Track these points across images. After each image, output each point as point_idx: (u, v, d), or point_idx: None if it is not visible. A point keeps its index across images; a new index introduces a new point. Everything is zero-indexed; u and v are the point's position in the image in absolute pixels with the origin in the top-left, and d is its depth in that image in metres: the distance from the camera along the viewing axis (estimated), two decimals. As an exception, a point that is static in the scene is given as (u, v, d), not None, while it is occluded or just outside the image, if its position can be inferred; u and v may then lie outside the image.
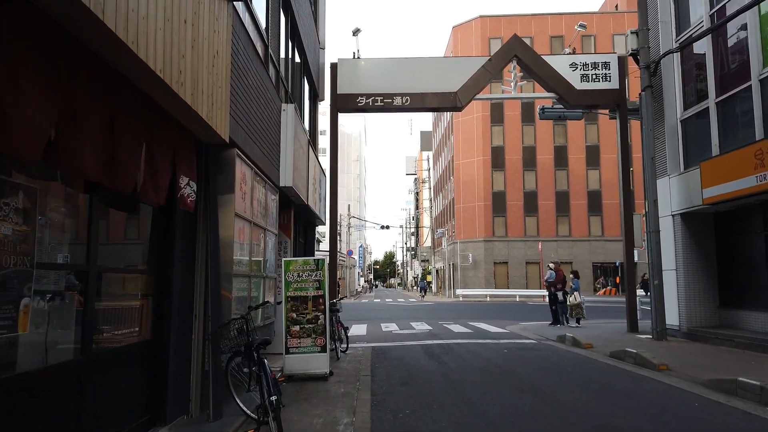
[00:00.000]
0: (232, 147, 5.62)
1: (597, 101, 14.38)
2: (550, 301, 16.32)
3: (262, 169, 7.10)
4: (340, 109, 14.38)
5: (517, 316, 21.28)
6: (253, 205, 6.60)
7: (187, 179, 4.68)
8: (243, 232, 6.08)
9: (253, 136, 6.52)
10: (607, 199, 44.06)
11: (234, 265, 5.74)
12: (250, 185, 6.45)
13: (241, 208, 5.99)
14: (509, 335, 13.60)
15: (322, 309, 7.81)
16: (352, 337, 13.66)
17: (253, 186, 6.68)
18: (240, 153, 5.86)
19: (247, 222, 6.31)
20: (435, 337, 13.33)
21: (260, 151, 7.03)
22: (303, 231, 13.40)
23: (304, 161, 9.89)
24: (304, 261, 7.92)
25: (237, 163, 5.75)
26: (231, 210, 5.56)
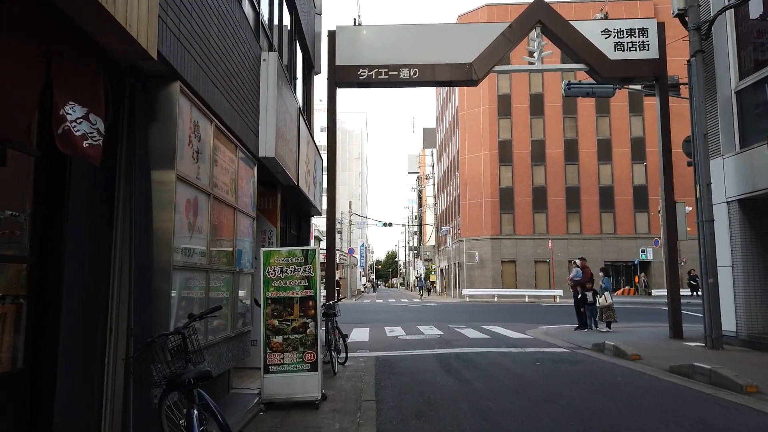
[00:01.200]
0: (173, 79, 3.82)
1: (633, 73, 12.53)
2: (576, 303, 14.48)
3: (230, 128, 5.30)
4: (338, 82, 12.56)
5: (533, 319, 19.46)
6: (214, 172, 4.79)
7: (85, 110, 2.88)
8: (195, 206, 4.27)
9: (214, 77, 4.72)
10: (620, 195, 42.23)
11: (179, 253, 3.94)
12: (209, 144, 4.64)
13: (191, 171, 4.19)
14: (533, 342, 11.77)
15: (312, 314, 6.00)
16: (353, 344, 11.86)
17: (216, 147, 4.88)
18: (187, 90, 4.04)
19: (204, 194, 4.50)
20: (448, 344, 11.51)
21: (228, 103, 5.22)
22: (296, 222, 11.59)
23: (293, 132, 8.08)
24: (289, 252, 6.10)
25: (182, 103, 3.95)
26: (171, 172, 3.75)
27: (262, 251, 6.04)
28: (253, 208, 6.41)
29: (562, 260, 41.40)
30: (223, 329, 5.31)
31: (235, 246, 5.55)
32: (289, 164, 7.70)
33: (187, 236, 4.10)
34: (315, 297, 6.01)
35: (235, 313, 5.65)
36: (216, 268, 4.88)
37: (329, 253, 12.10)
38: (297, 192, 9.01)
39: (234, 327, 5.55)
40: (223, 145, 5.14)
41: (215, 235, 4.86)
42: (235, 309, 5.63)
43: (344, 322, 18.24)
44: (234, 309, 5.60)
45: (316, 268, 6.06)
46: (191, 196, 4.17)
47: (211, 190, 4.67)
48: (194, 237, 4.27)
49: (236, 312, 5.71)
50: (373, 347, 11.34)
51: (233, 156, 5.49)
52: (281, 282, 6.01)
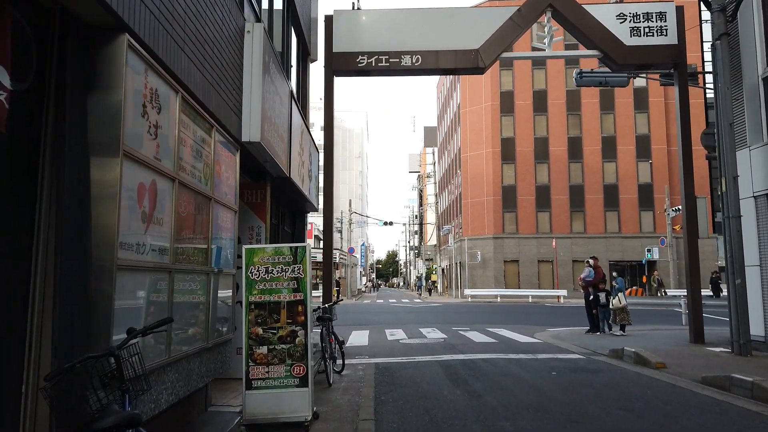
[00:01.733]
0: (119, 31, 3.03)
1: (651, 60, 11.72)
2: (587, 304, 13.69)
3: (204, 104, 4.52)
4: (336, 70, 11.78)
5: (539, 321, 18.68)
6: (181, 154, 4.01)
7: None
8: (153, 193, 3.49)
9: (180, 39, 3.93)
10: (624, 194, 41.45)
11: (129, 249, 3.15)
12: (173, 118, 3.86)
13: (147, 149, 3.40)
14: (545, 347, 10.99)
15: (302, 321, 5.22)
16: (351, 349, 11.09)
17: (184, 124, 4.09)
18: (140, 48, 3.26)
19: (166, 178, 3.71)
20: (453, 349, 10.73)
21: (201, 74, 4.44)
22: (290, 218, 10.82)
23: (284, 117, 7.29)
24: (276, 250, 5.31)
25: (133, 62, 3.17)
26: (115, 147, 2.96)
27: (244, 249, 5.25)
28: (236, 200, 5.62)
29: (565, 260, 40.66)
30: (198, 339, 4.52)
31: (212, 242, 4.76)
32: (279, 153, 6.92)
33: (139, 229, 3.31)
34: (305, 301, 5.23)
35: (212, 320, 4.87)
36: (184, 268, 4.09)
37: (326, 251, 11.32)
38: (289, 185, 8.23)
39: (210, 336, 4.76)
40: (195, 123, 4.35)
41: (183, 229, 4.07)
42: (212, 315, 4.84)
43: (343, 324, 17.46)
44: (211, 315, 4.82)
45: (307, 268, 5.28)
46: (146, 179, 3.38)
47: (177, 174, 3.88)
48: (152, 230, 3.48)
49: (214, 318, 4.93)
50: (372, 352, 10.56)
51: (208, 137, 4.70)
52: (266, 284, 5.22)
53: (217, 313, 5.07)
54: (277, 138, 6.73)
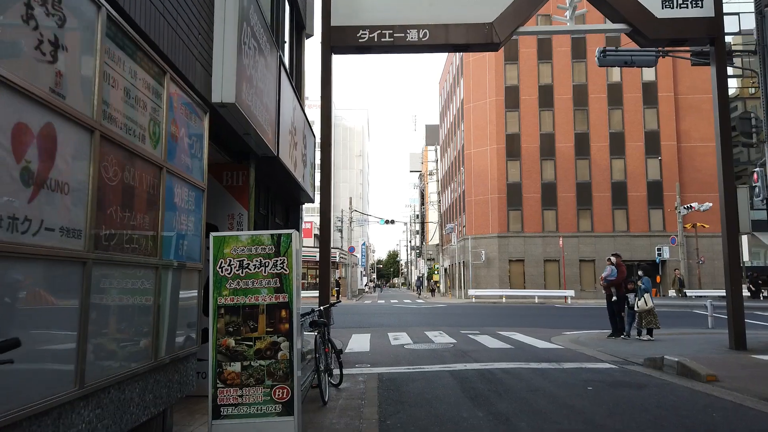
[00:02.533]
0: None
1: (685, 34, 10.51)
2: (609, 306, 12.50)
3: (150, 37, 3.34)
4: (334, 47, 10.58)
5: (551, 323, 17.50)
6: (108, 97, 2.83)
7: None
8: (50, 143, 2.31)
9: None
10: (633, 191, 40.24)
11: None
12: (94, 46, 2.68)
13: (37, 75, 2.23)
14: (568, 354, 9.80)
15: (286, 330, 4.04)
16: (351, 355, 9.93)
17: (111, 54, 2.91)
18: None
19: (75, 125, 2.53)
20: (465, 357, 9.54)
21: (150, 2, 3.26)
22: (282, 209, 9.65)
23: (270, 84, 6.12)
24: (253, 238, 4.14)
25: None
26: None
27: (212, 237, 4.08)
28: (205, 175, 4.44)
29: (572, 259, 39.49)
30: (140, 356, 3.35)
31: (163, 226, 3.58)
32: (264, 125, 5.74)
33: (18, 195, 2.14)
34: (291, 304, 4.05)
35: (166, 329, 3.70)
36: (113, 259, 2.92)
37: (323, 249, 10.14)
38: (279, 168, 7.06)
39: (160, 351, 3.58)
40: (135, 61, 3.18)
41: (112, 203, 2.90)
42: (165, 322, 3.67)
43: (343, 327, 16.28)
44: (163, 322, 3.65)
45: (293, 262, 4.10)
46: (33, 120, 2.21)
47: (99, 124, 2.71)
48: (47, 200, 2.32)
49: (169, 327, 3.75)
50: (375, 360, 9.39)
51: (158, 87, 3.53)
52: (240, 282, 4.05)
53: (174, 320, 3.89)
54: (260, 106, 5.55)
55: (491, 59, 42.12)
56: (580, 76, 41.41)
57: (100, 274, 2.74)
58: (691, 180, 39.67)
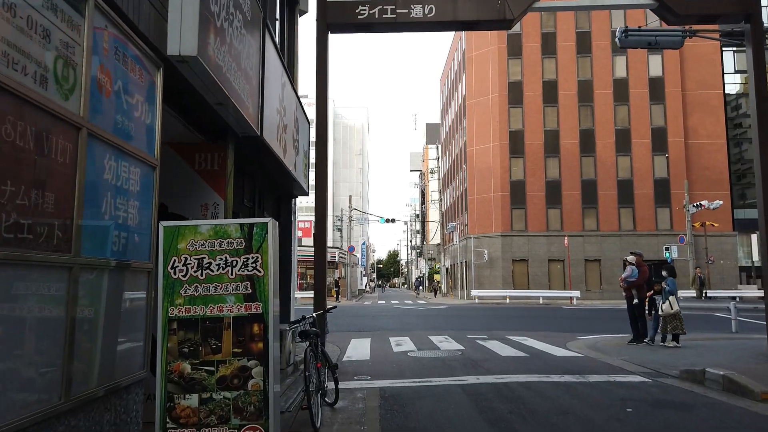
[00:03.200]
0: None
1: (717, 9, 9.52)
2: (630, 309, 11.51)
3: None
4: (331, 25, 9.60)
5: (562, 326, 16.52)
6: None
7: None
8: None
9: None
10: (639, 189, 39.27)
11: None
12: None
13: None
14: (589, 364, 8.81)
15: (258, 350, 3.06)
16: (349, 364, 8.95)
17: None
18: None
19: None
20: (477, 367, 8.56)
21: None
22: (272, 203, 8.67)
23: (252, 48, 5.13)
24: (216, 230, 3.16)
25: None
26: None
27: (161, 227, 3.09)
28: (156, 149, 3.46)
29: (577, 259, 38.52)
30: (37, 397, 2.36)
31: (81, 209, 2.59)
32: (242, 95, 4.76)
33: None
34: (265, 316, 3.06)
35: (90, 353, 2.71)
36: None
37: (318, 247, 9.15)
38: (264, 152, 6.07)
39: (71, 387, 2.58)
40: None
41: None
42: (79, 345, 2.67)
43: (341, 330, 15.29)
44: (76, 345, 2.65)
45: (269, 261, 3.11)
46: None
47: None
48: None
49: (97, 349, 2.77)
50: (375, 371, 8.40)
51: (74, 16, 2.54)
52: (200, 287, 3.07)
53: (110, 338, 2.89)
54: (237, 72, 4.56)
55: (494, 54, 41.16)
56: (585, 72, 40.43)
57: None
58: (699, 178, 38.70)
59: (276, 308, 3.10)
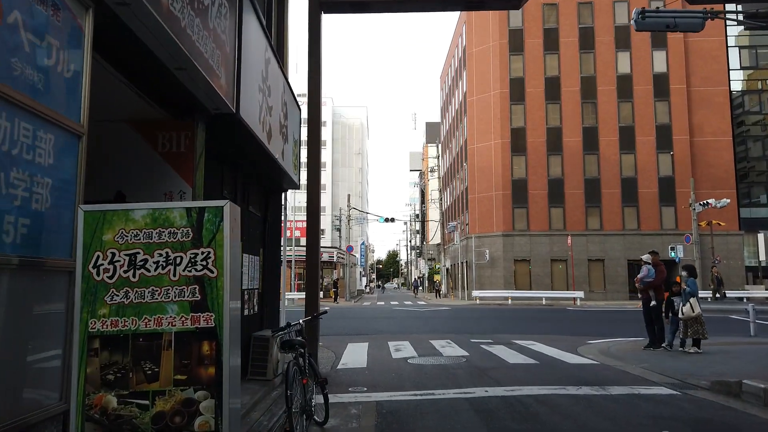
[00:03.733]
0: None
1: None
2: (645, 312, 10.73)
3: None
4: (324, 3, 8.85)
5: (570, 329, 15.76)
6: None
7: None
8: None
9: None
10: (644, 188, 38.51)
11: None
12: None
13: None
14: (608, 373, 8.04)
15: (209, 377, 2.26)
16: (345, 373, 8.18)
17: None
18: None
19: None
20: (484, 376, 7.78)
21: None
22: (259, 197, 7.89)
23: (225, 10, 4.35)
24: (154, 215, 2.38)
25: None
26: None
27: (80, 211, 2.31)
28: (82, 112, 2.68)
29: (580, 259, 37.77)
30: None
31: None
32: (211, 62, 3.99)
33: None
34: (219, 331, 2.28)
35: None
36: None
37: (311, 241, 8.38)
38: (244, 135, 5.29)
39: None
40: None
41: None
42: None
43: (338, 334, 14.52)
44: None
45: (225, 257, 2.33)
46: None
47: None
48: None
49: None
50: (373, 380, 7.62)
51: None
52: (131, 293, 2.29)
53: (7, 363, 2.11)
54: (203, 32, 3.79)
55: (495, 50, 40.44)
56: (588, 68, 39.68)
57: None
58: (704, 176, 37.93)
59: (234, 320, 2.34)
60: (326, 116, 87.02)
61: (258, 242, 7.77)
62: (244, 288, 7.02)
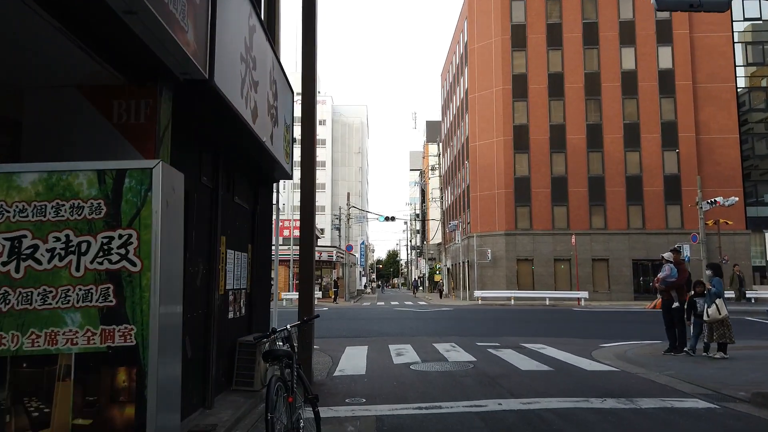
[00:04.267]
0: None
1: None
2: (666, 314, 9.98)
3: None
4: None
5: (579, 331, 15.03)
6: None
7: None
8: None
9: None
10: (649, 186, 37.79)
11: None
12: None
13: None
14: (631, 382, 7.30)
15: (125, 421, 1.50)
16: (341, 381, 7.45)
17: None
18: None
19: None
20: (495, 386, 7.03)
21: None
22: (247, 187, 7.15)
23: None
24: (51, 181, 1.61)
25: None
26: None
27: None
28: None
29: (584, 259, 37.07)
30: None
31: None
32: (174, 13, 3.23)
33: None
34: (140, 352, 1.52)
35: None
36: None
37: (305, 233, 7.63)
38: (220, 108, 4.53)
39: None
40: None
41: None
42: None
43: (336, 336, 13.75)
44: None
45: (155, 241, 1.58)
46: None
47: None
48: None
49: None
50: (372, 390, 6.88)
51: None
52: (11, 295, 1.53)
53: None
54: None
55: (497, 46, 39.71)
56: (592, 64, 38.93)
57: None
58: (711, 174, 37.15)
59: (171, 334, 1.59)
60: (326, 115, 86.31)
61: (246, 238, 7.03)
62: (230, 288, 6.29)
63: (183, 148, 4.59)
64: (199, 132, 4.95)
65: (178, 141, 4.20)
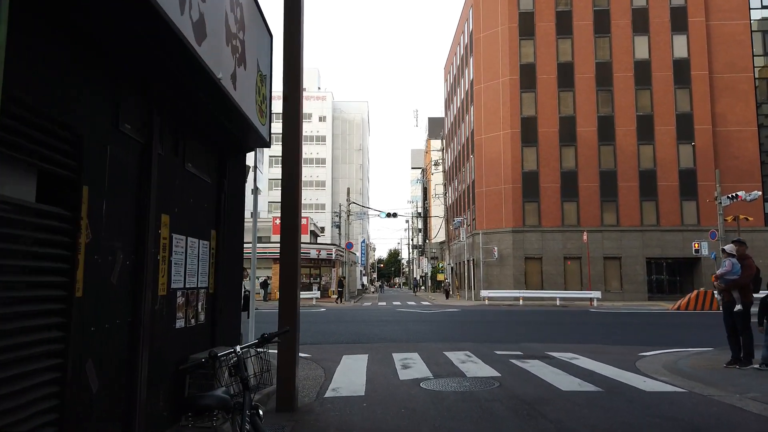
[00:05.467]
0: None
1: None
2: (727, 318, 8.24)
3: None
4: None
5: (606, 336, 13.33)
6: None
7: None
8: None
9: None
10: (663, 181, 36.08)
11: None
12: None
13: None
14: (715, 411, 5.57)
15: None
16: (331, 405, 5.68)
17: None
18: None
19: None
20: (535, 416, 5.30)
21: None
22: (208, 155, 5.41)
23: None
24: None
25: None
26: None
27: None
28: None
29: (595, 257, 35.37)
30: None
31: None
32: None
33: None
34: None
35: None
36: None
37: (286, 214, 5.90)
38: (140, 17, 2.78)
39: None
40: None
41: None
42: None
43: (332, 342, 12.01)
44: None
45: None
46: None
47: None
48: None
49: None
50: (373, 421, 5.16)
51: None
52: None
53: None
54: None
55: (504, 35, 38.01)
56: (603, 53, 37.21)
57: None
58: (728, 168, 35.31)
59: None
60: (326, 111, 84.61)
61: (207, 221, 5.30)
62: (178, 287, 4.57)
63: (65, 53, 2.87)
64: (103, 41, 3.21)
65: (86, 74, 2.48)
